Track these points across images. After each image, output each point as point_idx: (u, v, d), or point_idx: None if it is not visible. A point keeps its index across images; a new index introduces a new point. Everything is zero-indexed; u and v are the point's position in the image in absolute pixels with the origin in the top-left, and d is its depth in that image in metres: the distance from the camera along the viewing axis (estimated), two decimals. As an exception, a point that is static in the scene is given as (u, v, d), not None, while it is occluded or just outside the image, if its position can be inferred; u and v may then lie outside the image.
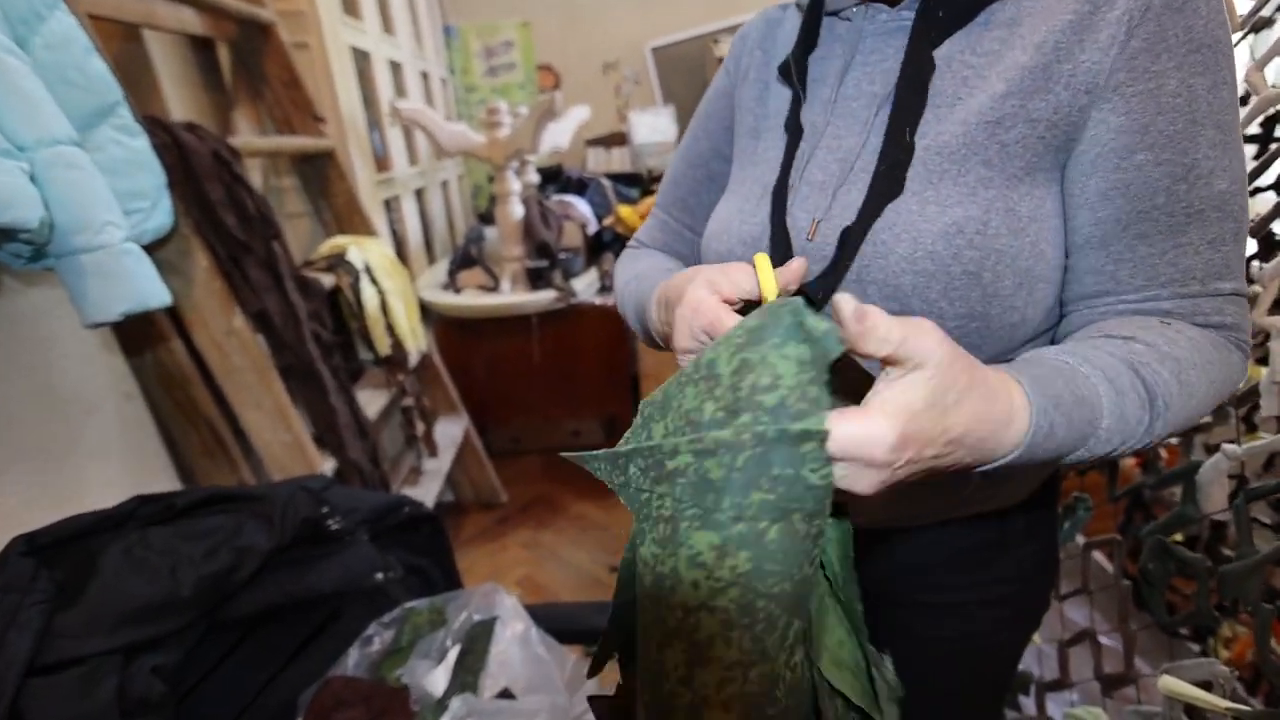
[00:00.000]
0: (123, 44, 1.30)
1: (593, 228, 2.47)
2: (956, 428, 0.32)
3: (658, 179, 3.02)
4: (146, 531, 0.66)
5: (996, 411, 0.34)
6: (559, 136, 2.34)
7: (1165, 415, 0.40)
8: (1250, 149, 0.78)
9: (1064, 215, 0.46)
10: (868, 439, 0.30)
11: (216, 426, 1.10)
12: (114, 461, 0.96)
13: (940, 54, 0.47)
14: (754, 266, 0.43)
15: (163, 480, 1.07)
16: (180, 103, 1.41)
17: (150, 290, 0.72)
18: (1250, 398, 0.65)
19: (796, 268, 0.44)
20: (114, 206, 0.69)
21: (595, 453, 0.35)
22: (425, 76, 2.64)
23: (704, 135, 0.66)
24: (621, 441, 0.35)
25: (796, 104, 0.54)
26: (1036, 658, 0.95)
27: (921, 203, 0.45)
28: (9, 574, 0.56)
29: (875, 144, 0.48)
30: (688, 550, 0.31)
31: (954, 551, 0.59)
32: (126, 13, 1.10)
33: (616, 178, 3.02)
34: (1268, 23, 0.69)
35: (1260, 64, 0.58)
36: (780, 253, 0.50)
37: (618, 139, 3.34)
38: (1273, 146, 0.67)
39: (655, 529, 0.33)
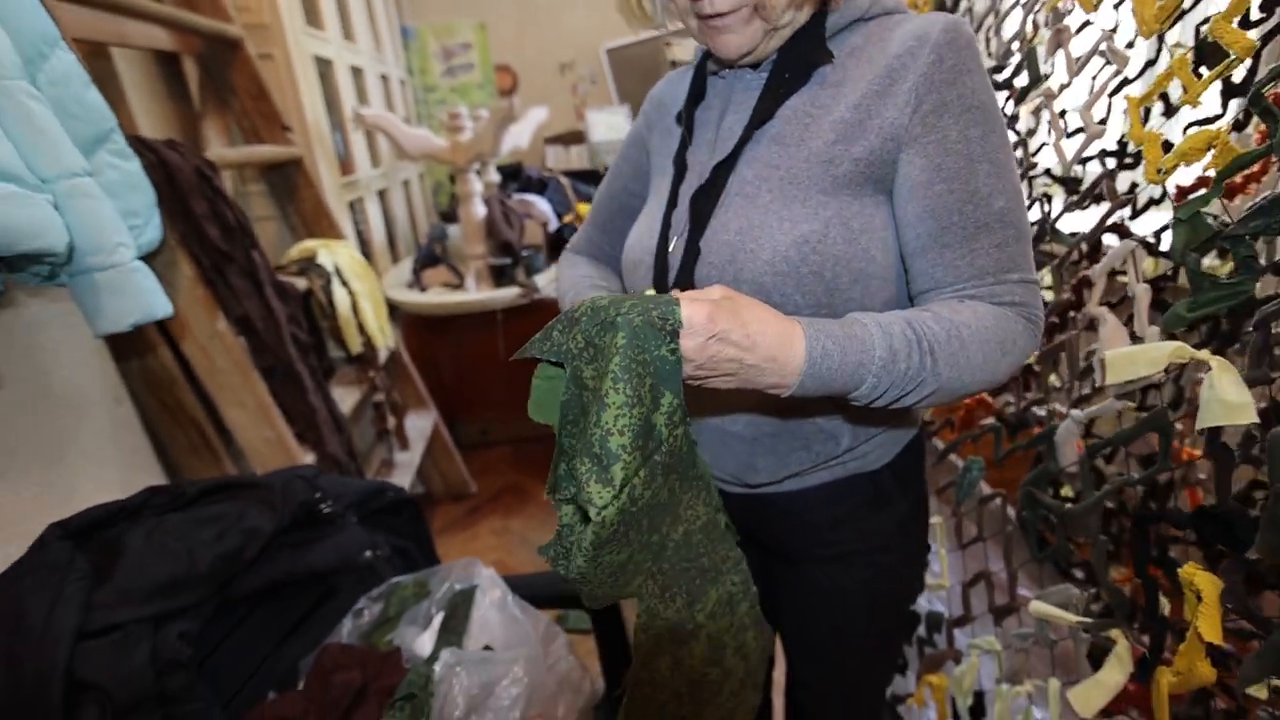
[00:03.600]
0: (90, 61, 1.34)
1: (553, 225, 2.56)
2: (750, 324, 0.49)
3: (615, 176, 3.12)
4: (164, 518, 0.74)
5: (780, 326, 0.51)
6: (518, 137, 2.42)
7: (938, 358, 0.54)
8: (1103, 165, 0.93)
9: (895, 229, 0.61)
10: (691, 305, 0.47)
11: (202, 426, 1.17)
12: (106, 462, 1.03)
13: (789, 105, 0.62)
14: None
15: (150, 478, 1.14)
16: (147, 117, 1.45)
17: (156, 303, 0.80)
18: (1091, 373, 0.80)
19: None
20: (123, 229, 0.76)
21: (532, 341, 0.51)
22: (385, 79, 2.68)
23: (617, 175, 0.82)
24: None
25: (683, 146, 0.69)
26: (946, 600, 1.11)
27: (779, 220, 0.59)
28: (51, 556, 0.64)
29: (743, 173, 0.63)
30: (592, 336, 0.47)
31: (838, 510, 0.72)
32: (100, 33, 1.15)
33: (575, 174, 3.11)
34: (1122, 60, 0.82)
35: (1086, 106, 0.72)
36: (662, 265, 0.67)
37: (575, 137, 3.42)
38: (1125, 162, 0.81)
39: (581, 357, 0.49)
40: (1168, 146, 0.69)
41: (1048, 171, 0.95)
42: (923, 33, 0.59)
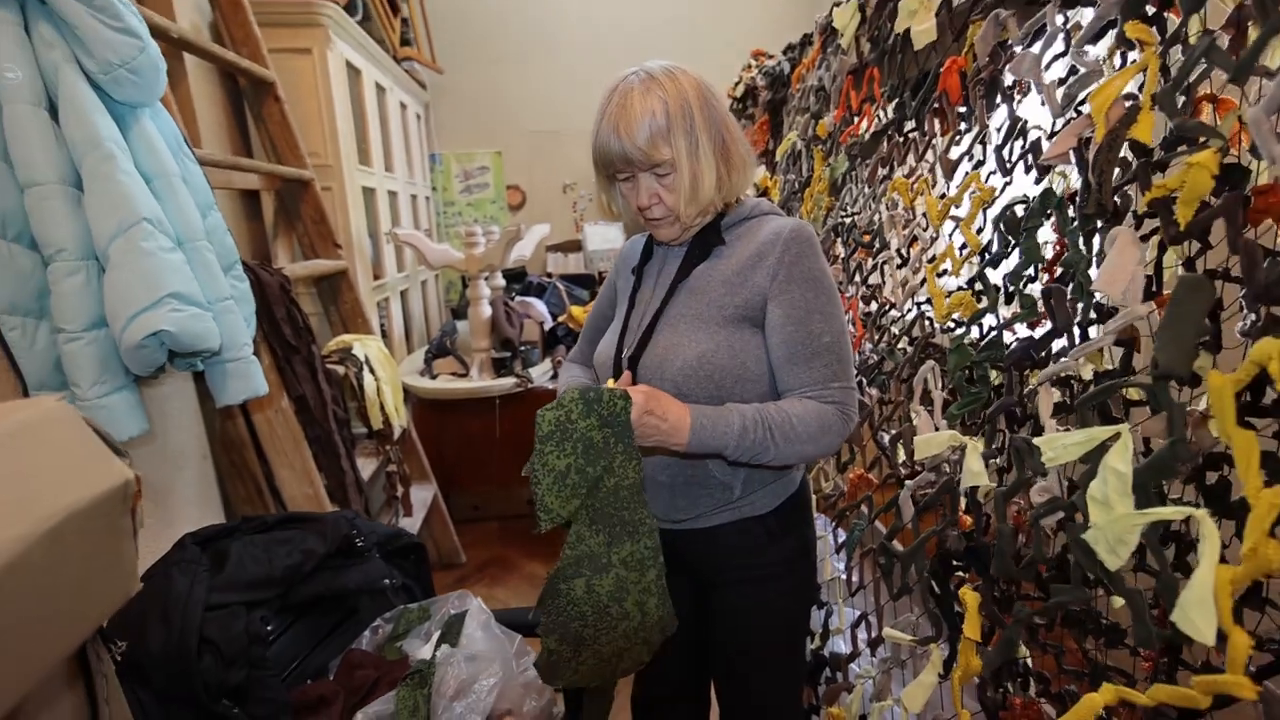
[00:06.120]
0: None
1: (549, 325, 2.94)
2: (664, 408, 0.85)
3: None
4: (253, 536, 1.04)
5: (679, 409, 0.85)
6: (523, 249, 2.85)
7: (775, 434, 0.87)
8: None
9: (764, 350, 0.95)
10: (635, 394, 0.83)
11: (259, 481, 1.48)
12: (192, 504, 1.33)
13: (698, 270, 0.99)
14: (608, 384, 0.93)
15: (217, 519, 1.43)
16: (233, 235, 1.84)
17: (259, 384, 1.13)
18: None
19: (624, 380, 0.95)
20: (247, 332, 1.11)
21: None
22: (414, 197, 3.15)
23: (599, 305, 1.20)
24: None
25: (636, 289, 1.07)
26: (844, 640, 1.37)
27: (689, 341, 0.94)
28: (188, 553, 0.94)
29: (669, 312, 0.99)
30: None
31: (738, 544, 1.02)
32: (215, 181, 1.56)
33: (571, 278, 3.54)
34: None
35: (912, 268, 1.09)
36: (618, 364, 1.01)
37: (574, 245, 3.89)
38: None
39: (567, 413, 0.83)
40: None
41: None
42: (779, 230, 0.96)
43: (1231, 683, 0.54)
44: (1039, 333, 0.89)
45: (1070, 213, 0.87)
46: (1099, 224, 0.83)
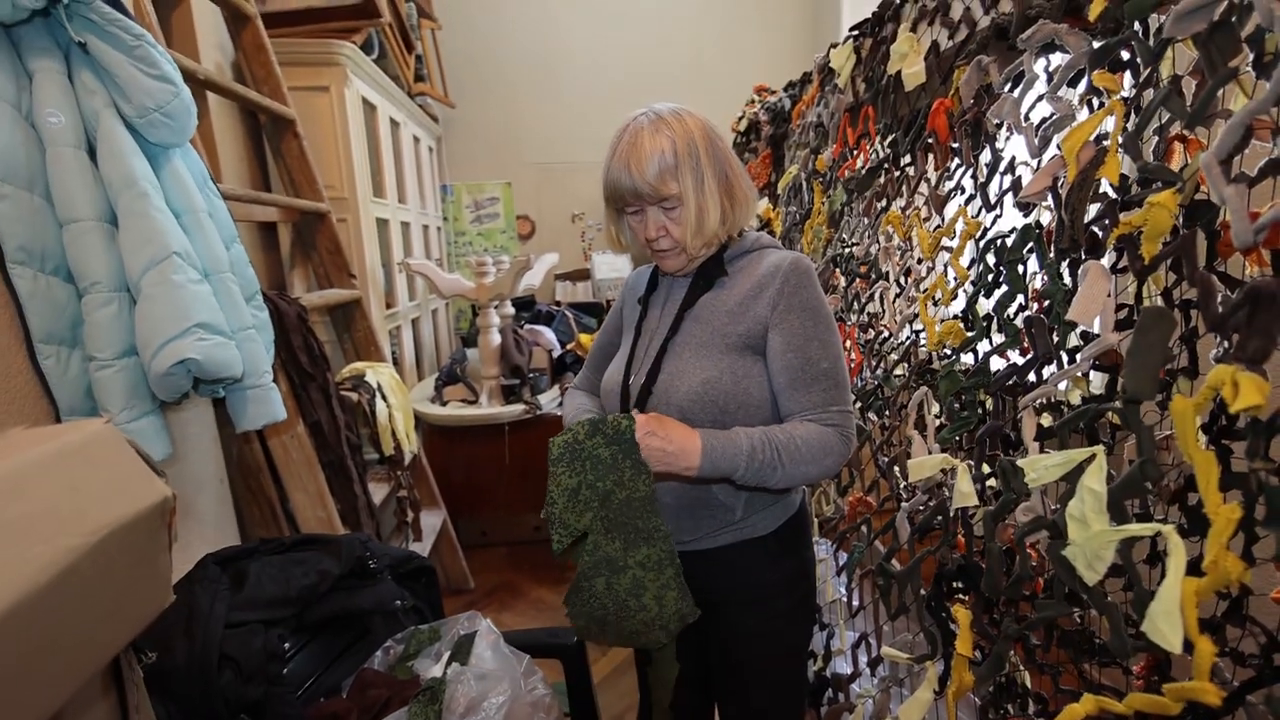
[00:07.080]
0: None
1: (557, 352, 3.00)
2: (668, 430, 0.87)
3: (613, 309, 3.62)
4: (270, 557, 1.08)
5: (686, 433, 0.88)
6: (532, 278, 2.91)
7: (782, 455, 0.91)
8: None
9: (766, 376, 0.99)
10: (637, 418, 0.87)
11: (274, 504, 1.52)
12: (209, 524, 1.37)
13: (702, 299, 1.04)
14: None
15: (233, 541, 1.47)
16: (252, 266, 1.91)
17: (278, 410, 1.18)
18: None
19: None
20: (268, 359, 1.16)
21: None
22: (425, 228, 3.24)
23: (605, 333, 1.24)
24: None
25: (642, 318, 1.11)
26: (846, 661, 1.38)
27: (693, 368, 0.98)
28: (210, 572, 0.98)
29: (674, 339, 1.03)
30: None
31: (740, 565, 1.05)
32: (236, 214, 1.63)
33: (579, 306, 3.60)
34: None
35: (905, 298, 1.13)
36: (625, 391, 1.05)
37: (582, 274, 3.97)
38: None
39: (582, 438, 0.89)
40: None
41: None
42: (779, 263, 1.01)
43: (1197, 689, 0.57)
44: (1025, 360, 0.93)
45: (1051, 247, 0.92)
46: (1082, 255, 0.87)
